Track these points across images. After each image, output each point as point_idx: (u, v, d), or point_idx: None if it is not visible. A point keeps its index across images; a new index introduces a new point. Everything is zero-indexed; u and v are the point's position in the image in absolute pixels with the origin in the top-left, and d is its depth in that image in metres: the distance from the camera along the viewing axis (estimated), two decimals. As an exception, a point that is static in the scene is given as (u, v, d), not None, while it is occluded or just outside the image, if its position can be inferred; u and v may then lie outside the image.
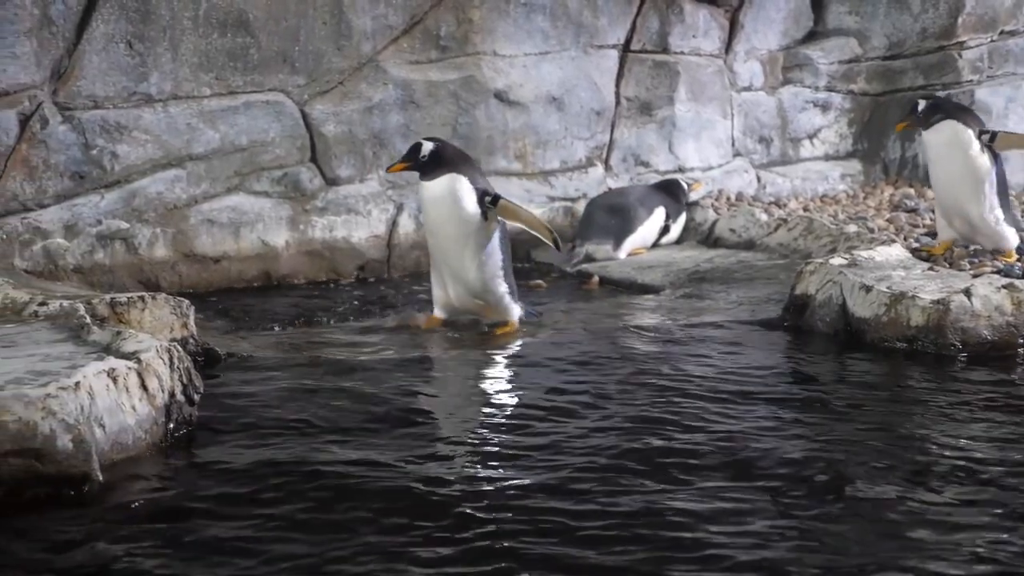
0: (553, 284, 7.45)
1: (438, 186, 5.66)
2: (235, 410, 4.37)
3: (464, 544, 3.08)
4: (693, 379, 4.76)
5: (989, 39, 9.45)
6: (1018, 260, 6.36)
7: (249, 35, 7.33)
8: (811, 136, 9.56)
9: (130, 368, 3.90)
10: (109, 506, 3.41)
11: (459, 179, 5.63)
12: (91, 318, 4.75)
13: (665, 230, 8.14)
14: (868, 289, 5.40)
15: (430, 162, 5.67)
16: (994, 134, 6.35)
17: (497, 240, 5.74)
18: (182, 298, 5.25)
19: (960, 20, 9.34)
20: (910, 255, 6.22)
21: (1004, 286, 5.25)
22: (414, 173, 5.81)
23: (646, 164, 8.86)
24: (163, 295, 5.20)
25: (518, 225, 5.90)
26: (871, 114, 9.56)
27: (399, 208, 7.76)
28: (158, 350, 4.12)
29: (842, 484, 3.51)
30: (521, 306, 5.94)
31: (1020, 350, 5.14)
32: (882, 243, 6.44)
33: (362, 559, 3.00)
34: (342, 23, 7.60)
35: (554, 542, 3.10)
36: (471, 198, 5.62)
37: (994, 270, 5.97)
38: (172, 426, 4.03)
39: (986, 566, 2.95)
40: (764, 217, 7.91)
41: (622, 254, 7.84)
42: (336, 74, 7.66)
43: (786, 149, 9.49)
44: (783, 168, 9.44)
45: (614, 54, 8.68)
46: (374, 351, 5.42)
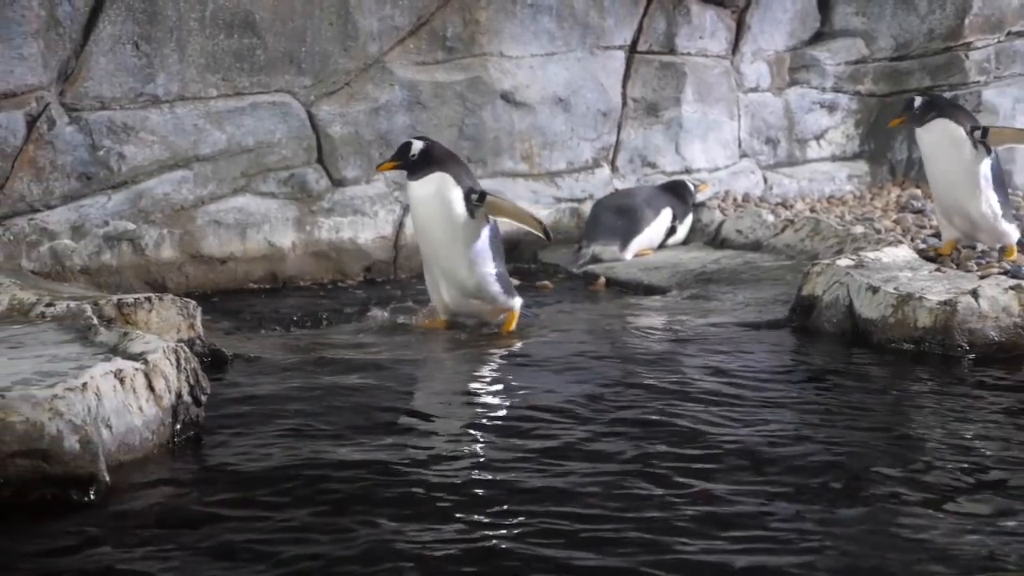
0: (559, 285, 7.45)
1: (425, 185, 5.68)
2: (242, 411, 4.37)
3: (471, 547, 3.08)
4: (700, 381, 4.76)
5: (996, 40, 9.44)
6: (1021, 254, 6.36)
7: (256, 36, 7.34)
8: (818, 137, 9.55)
9: (137, 369, 3.90)
10: (116, 507, 3.41)
11: (445, 178, 5.64)
12: (98, 319, 4.75)
13: (672, 231, 8.14)
14: (875, 290, 5.40)
15: (419, 161, 5.69)
16: (985, 130, 6.35)
17: (487, 238, 5.73)
18: (189, 299, 5.26)
19: (967, 21, 9.32)
20: (917, 256, 6.21)
21: (1011, 287, 5.25)
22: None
23: (653, 165, 8.86)
24: (170, 296, 5.20)
25: (514, 224, 5.91)
26: (878, 115, 9.54)
27: (405, 209, 7.75)
28: (165, 351, 4.12)
29: (853, 487, 3.50)
30: (519, 302, 5.96)
31: (1027, 351, 5.14)
32: (889, 244, 6.44)
33: (368, 562, 3.00)
34: (348, 24, 7.60)
35: (560, 544, 3.09)
36: (457, 196, 5.63)
37: (1001, 271, 5.96)
38: (179, 427, 4.02)
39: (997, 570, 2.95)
40: (771, 218, 7.90)
41: (628, 255, 7.83)
42: (342, 75, 7.67)
43: (793, 150, 9.48)
44: (790, 169, 9.44)
45: (620, 55, 8.68)
46: (379, 352, 5.42)
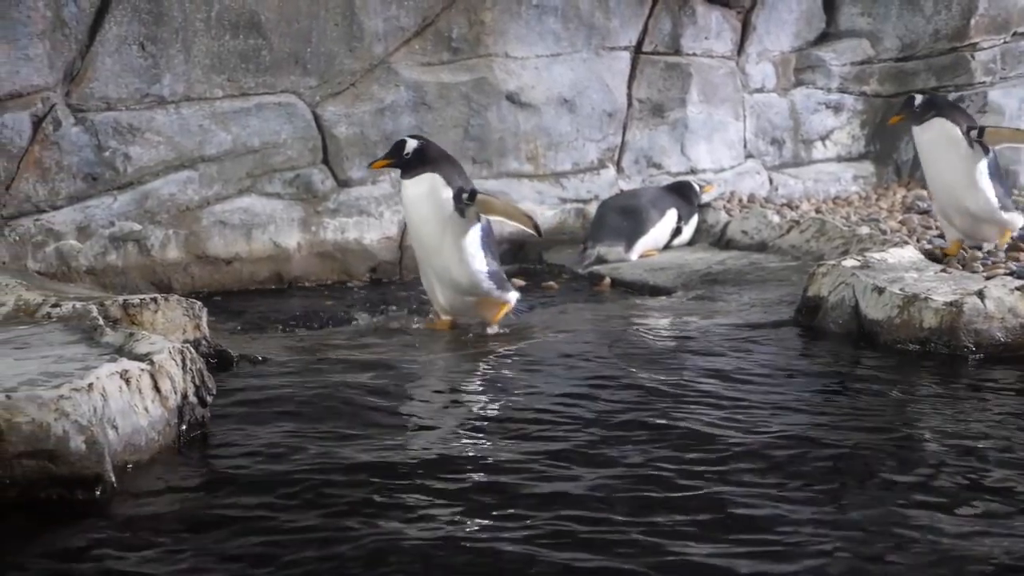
0: (565, 286, 7.46)
1: (417, 185, 5.69)
2: (247, 412, 4.36)
3: (478, 547, 3.07)
4: (705, 382, 4.74)
5: (1002, 40, 9.44)
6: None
7: (261, 37, 7.34)
8: (823, 138, 9.54)
9: (143, 370, 3.90)
10: (121, 508, 3.41)
11: (436, 178, 5.65)
12: (104, 320, 4.75)
13: (677, 232, 8.14)
14: (881, 291, 5.39)
15: (412, 160, 5.70)
16: (982, 129, 6.37)
17: (478, 237, 5.72)
18: (194, 300, 5.26)
19: (973, 21, 9.32)
20: (923, 257, 6.20)
21: (1017, 288, 5.23)
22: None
23: (658, 166, 8.86)
24: (175, 297, 5.20)
25: (515, 224, 5.91)
26: (883, 116, 9.53)
27: (410, 210, 7.77)
28: (171, 352, 4.12)
29: (862, 490, 3.48)
30: (514, 296, 5.97)
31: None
32: (894, 245, 6.43)
33: (375, 563, 2.99)
34: (354, 25, 7.61)
35: (566, 546, 3.08)
36: (448, 197, 5.64)
37: (1007, 272, 5.95)
38: (184, 428, 4.02)
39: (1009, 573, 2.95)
40: (776, 219, 7.90)
41: (634, 256, 7.83)
42: (348, 76, 7.67)
43: (798, 151, 9.48)
44: (795, 170, 9.43)
45: (626, 56, 8.68)
46: (384, 353, 5.41)
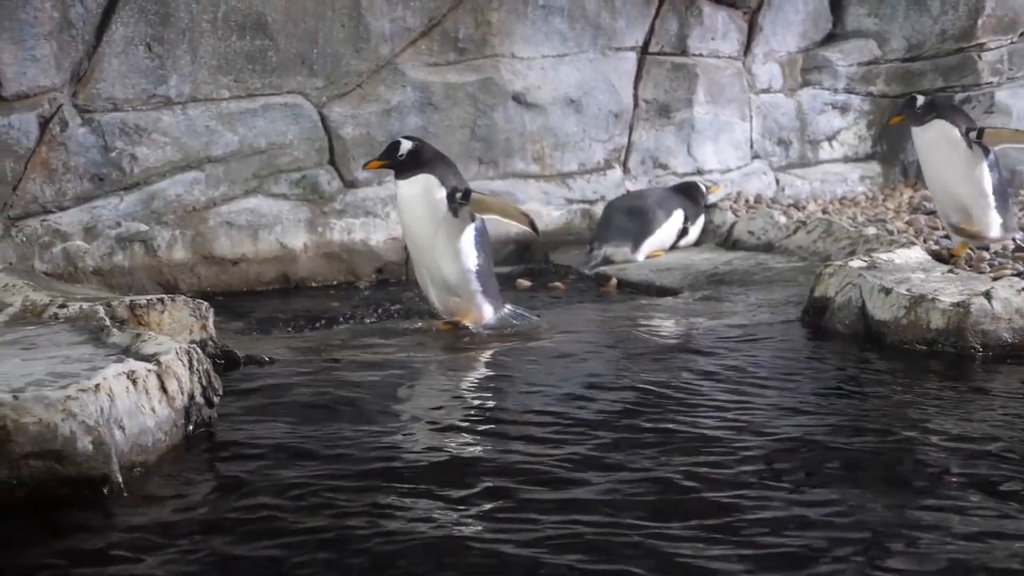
0: (571, 286, 7.45)
1: (411, 186, 5.69)
2: (254, 412, 4.36)
3: (485, 551, 3.05)
4: (712, 385, 4.72)
5: (1009, 41, 9.42)
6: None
7: (267, 37, 7.35)
8: (830, 138, 9.54)
9: (150, 370, 3.90)
10: (128, 508, 3.40)
11: (431, 179, 5.65)
12: (111, 320, 4.75)
13: (683, 232, 8.13)
14: (887, 291, 5.38)
15: (407, 161, 5.70)
16: (981, 130, 6.37)
17: (472, 238, 5.72)
18: (201, 300, 5.26)
19: (980, 22, 9.31)
20: (930, 257, 6.19)
21: (1025, 289, 5.24)
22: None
23: (664, 166, 8.85)
24: (182, 297, 5.19)
25: (513, 223, 5.89)
26: (890, 116, 9.50)
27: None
28: (177, 352, 4.12)
29: (872, 496, 3.47)
30: (508, 309, 5.92)
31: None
32: (901, 245, 6.42)
33: (381, 568, 2.98)
34: (360, 25, 7.61)
35: (573, 549, 3.06)
36: (442, 198, 5.64)
37: (1014, 272, 5.93)
38: (191, 428, 4.03)
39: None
40: (783, 219, 7.89)
41: (640, 256, 7.83)
42: (354, 76, 7.68)
43: (805, 151, 9.47)
44: (802, 170, 9.43)
45: (632, 56, 8.67)
46: (391, 354, 5.41)
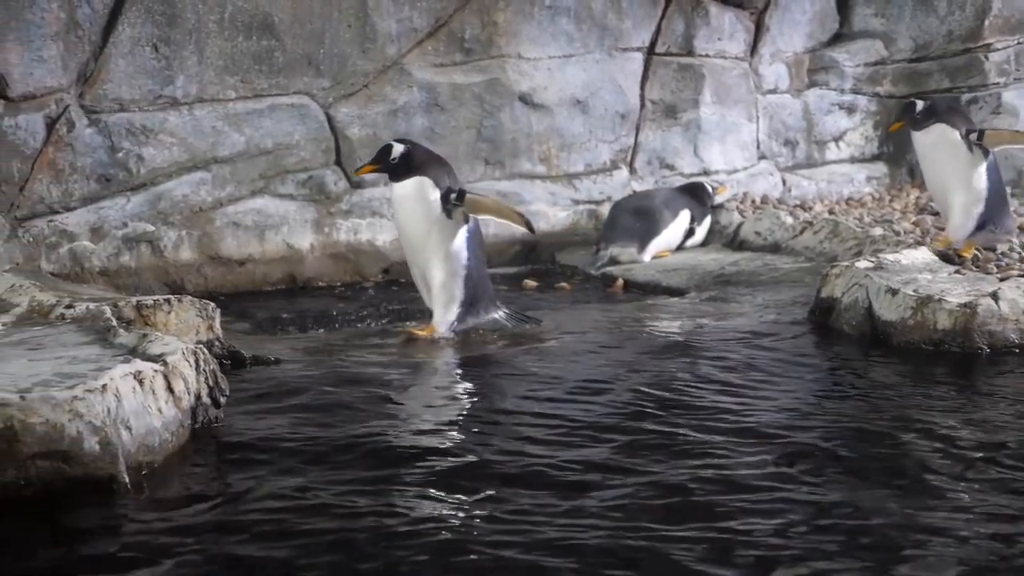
0: (578, 287, 7.44)
1: (404, 189, 5.67)
2: (261, 413, 4.37)
3: (492, 556, 3.04)
4: (719, 389, 4.70)
5: (1016, 41, 9.39)
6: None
7: (274, 38, 7.35)
8: (836, 139, 9.52)
9: (156, 371, 3.91)
10: (134, 509, 3.41)
11: (425, 182, 5.62)
12: (117, 321, 4.76)
13: (690, 233, 8.13)
14: (894, 292, 5.38)
15: (400, 164, 5.68)
16: (981, 132, 6.37)
17: (463, 241, 5.68)
18: (207, 300, 5.26)
19: (987, 22, 9.29)
20: (936, 258, 6.19)
21: (1032, 289, 5.23)
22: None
23: (671, 167, 8.84)
24: (189, 297, 5.20)
25: (508, 223, 5.86)
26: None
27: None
28: (184, 352, 4.12)
29: (884, 494, 3.47)
30: (503, 313, 5.85)
31: (1048, 353, 5.11)
32: (908, 246, 6.42)
33: (389, 571, 2.98)
34: (367, 26, 7.61)
35: (580, 552, 3.06)
36: (436, 200, 5.62)
37: (1021, 273, 5.92)
38: (198, 428, 4.03)
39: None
40: (789, 220, 7.88)
41: (647, 257, 7.82)
42: (361, 77, 7.68)
43: (811, 152, 9.46)
44: (808, 171, 9.41)
45: (639, 57, 8.66)
46: (398, 354, 5.42)
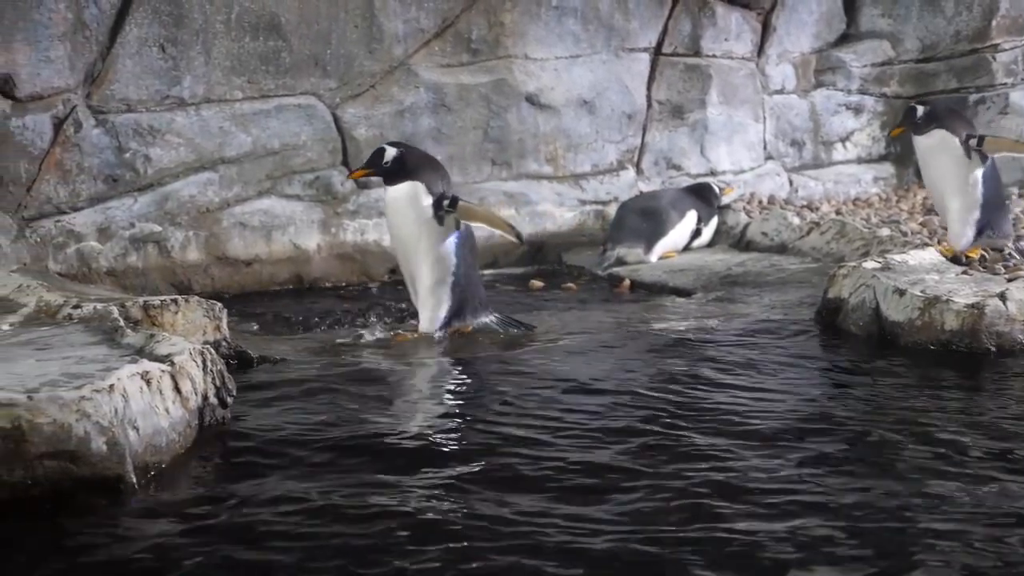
0: (584, 287, 7.44)
1: (397, 193, 5.69)
2: (268, 413, 4.37)
3: (504, 565, 3.03)
4: (726, 392, 4.68)
5: (1023, 42, 9.38)
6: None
7: (281, 39, 7.36)
8: (843, 139, 9.51)
9: (163, 371, 3.91)
10: (142, 509, 3.41)
11: (417, 186, 5.63)
12: (125, 321, 4.76)
13: (697, 233, 8.12)
14: (902, 293, 5.37)
15: (393, 168, 5.69)
16: (981, 138, 6.36)
17: (453, 247, 5.69)
18: (215, 301, 5.27)
19: (994, 23, 9.28)
20: (944, 258, 6.18)
21: (1040, 290, 5.22)
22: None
23: (678, 167, 8.84)
24: (196, 298, 5.20)
25: (498, 232, 5.85)
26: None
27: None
28: (191, 353, 4.12)
29: (896, 505, 3.45)
30: (494, 318, 5.86)
31: (1055, 354, 5.10)
32: (915, 247, 6.41)
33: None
34: (374, 26, 7.61)
35: (584, 560, 3.06)
36: (427, 204, 5.62)
37: (1029, 274, 5.92)
38: (205, 428, 4.04)
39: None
40: (796, 220, 7.88)
41: (653, 257, 7.82)
42: (368, 77, 7.68)
43: (818, 152, 9.45)
44: (815, 171, 9.41)
45: (645, 57, 8.66)
46: (403, 355, 5.42)
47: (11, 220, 6.78)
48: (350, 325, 6.18)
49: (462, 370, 5.25)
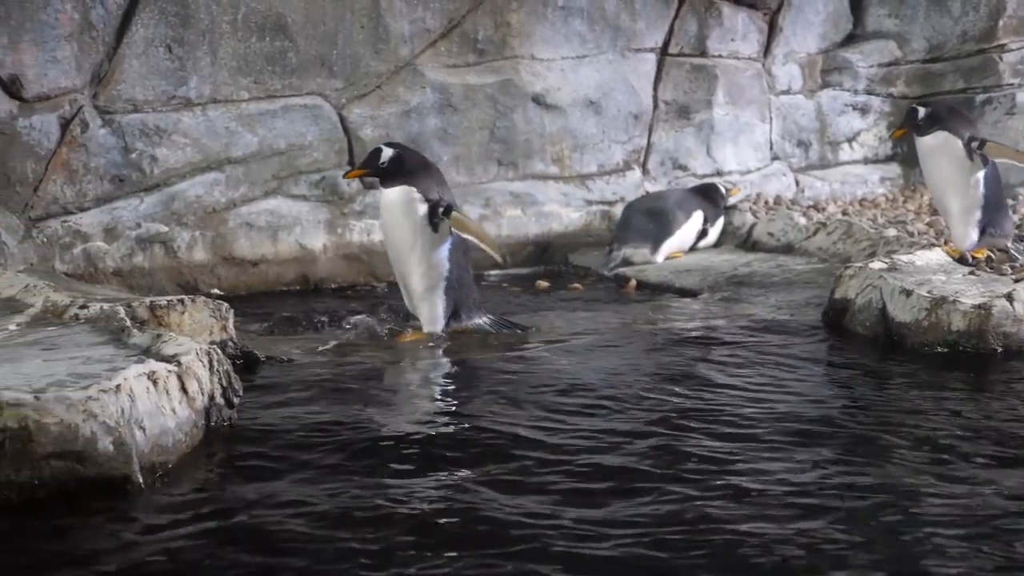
0: (590, 287, 7.43)
1: (392, 195, 5.68)
2: (275, 413, 4.37)
3: (503, 570, 3.05)
4: (733, 390, 4.70)
5: (1030, 41, 9.38)
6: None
7: (287, 39, 7.36)
8: (850, 139, 9.50)
9: (170, 371, 3.91)
10: (148, 509, 3.41)
11: (412, 192, 5.62)
12: (131, 321, 4.76)
13: (703, 234, 8.12)
14: (908, 293, 5.36)
15: (389, 169, 5.68)
16: (983, 142, 6.35)
17: (446, 252, 5.68)
18: (221, 301, 5.27)
19: (1001, 23, 9.26)
20: (951, 259, 6.18)
21: (1047, 291, 5.21)
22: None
23: (684, 168, 8.83)
24: (202, 298, 5.21)
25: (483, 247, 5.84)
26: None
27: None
28: (198, 353, 4.12)
29: (903, 509, 3.44)
30: (488, 319, 5.86)
31: (1062, 355, 5.09)
32: (922, 247, 6.40)
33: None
34: (380, 27, 7.61)
35: (587, 568, 3.05)
36: (422, 209, 5.61)
37: (1036, 275, 5.92)
38: (211, 428, 4.04)
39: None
40: (803, 221, 7.87)
41: (659, 258, 7.81)
42: (374, 78, 7.68)
43: (825, 152, 9.44)
44: (822, 172, 9.39)
45: (652, 57, 8.66)
46: (408, 356, 5.42)
47: (18, 220, 6.79)
48: (354, 325, 6.18)
49: (467, 371, 5.25)
